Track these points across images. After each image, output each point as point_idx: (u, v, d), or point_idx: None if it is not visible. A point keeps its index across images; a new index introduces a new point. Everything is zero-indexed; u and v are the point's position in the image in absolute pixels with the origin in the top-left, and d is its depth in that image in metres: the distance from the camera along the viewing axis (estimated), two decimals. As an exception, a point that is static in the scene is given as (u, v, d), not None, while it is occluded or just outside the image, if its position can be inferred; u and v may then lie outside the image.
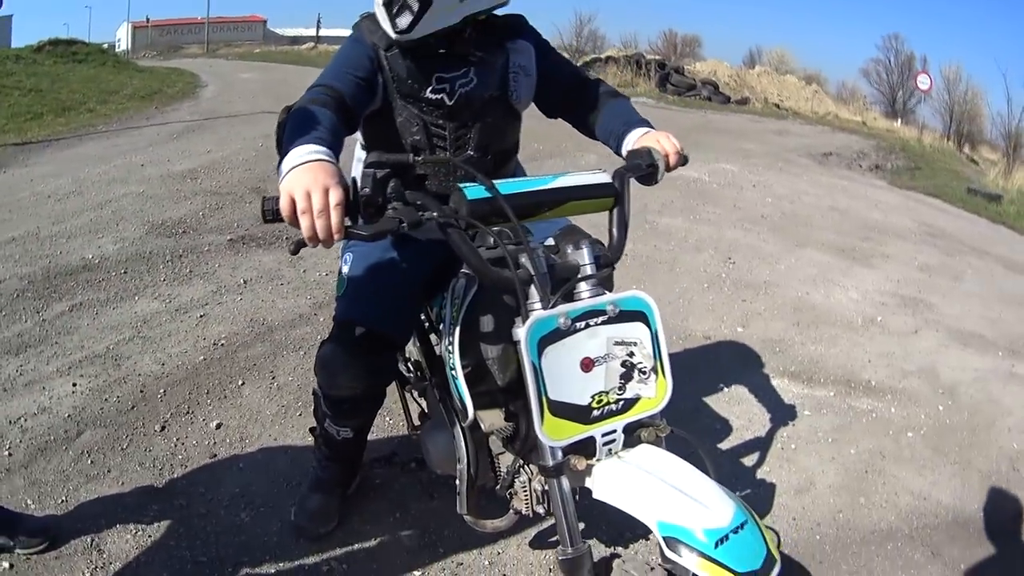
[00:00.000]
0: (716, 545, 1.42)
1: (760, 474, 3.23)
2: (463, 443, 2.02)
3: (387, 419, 3.11)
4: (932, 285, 6.18)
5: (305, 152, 1.53)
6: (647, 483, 1.53)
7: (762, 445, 3.43)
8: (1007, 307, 5.91)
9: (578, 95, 2.25)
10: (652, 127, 2.12)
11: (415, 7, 1.89)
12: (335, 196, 1.43)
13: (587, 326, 1.59)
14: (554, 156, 8.67)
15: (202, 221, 5.88)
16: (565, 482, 1.63)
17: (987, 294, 6.20)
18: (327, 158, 1.53)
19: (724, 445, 3.41)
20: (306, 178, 1.45)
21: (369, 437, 2.62)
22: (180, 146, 9.15)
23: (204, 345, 3.81)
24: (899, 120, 28.53)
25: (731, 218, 7.29)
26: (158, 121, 11.47)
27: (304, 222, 1.43)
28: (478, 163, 2.10)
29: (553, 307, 1.59)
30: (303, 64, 26.15)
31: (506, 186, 1.70)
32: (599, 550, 2.53)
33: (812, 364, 4.32)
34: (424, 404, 2.59)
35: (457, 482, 2.04)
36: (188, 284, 4.60)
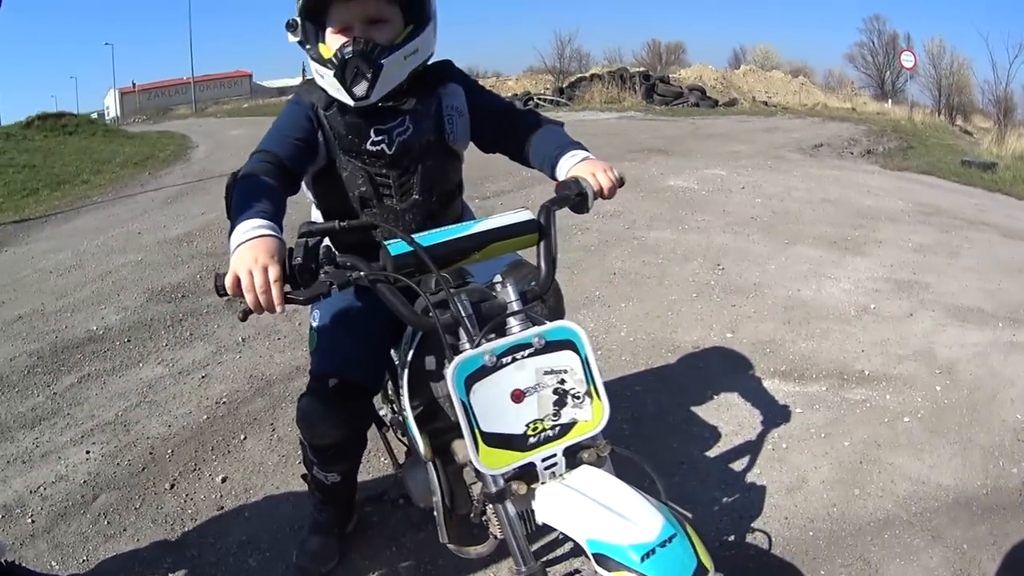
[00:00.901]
0: (643, 559, 1.50)
1: (750, 477, 3.23)
2: (435, 477, 2.13)
3: (382, 459, 3.25)
4: (927, 265, 6.12)
5: (248, 228, 1.69)
6: (580, 503, 1.63)
7: (752, 448, 3.43)
8: (1006, 276, 5.86)
9: (511, 127, 2.34)
10: (586, 151, 2.21)
11: (368, 74, 2.02)
12: (273, 272, 1.60)
13: (514, 360, 1.68)
14: (524, 188, 8.75)
15: (200, 284, 6.06)
16: (511, 506, 1.73)
17: (985, 266, 6.14)
18: (268, 231, 1.69)
19: (714, 453, 3.40)
20: (248, 256, 1.62)
21: (363, 477, 2.77)
22: (175, 210, 9.36)
23: (207, 404, 3.98)
24: (888, 101, 28.39)
25: (720, 224, 7.26)
26: (152, 187, 11.68)
27: (248, 298, 1.60)
28: (423, 206, 2.25)
29: (478, 346, 1.70)
30: (291, 116, 26.25)
31: (428, 237, 1.80)
32: (561, 567, 2.61)
33: (804, 361, 4.32)
34: (407, 442, 2.73)
35: (435, 514, 2.15)
36: (189, 347, 4.77)
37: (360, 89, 2.04)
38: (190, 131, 22.51)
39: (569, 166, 2.15)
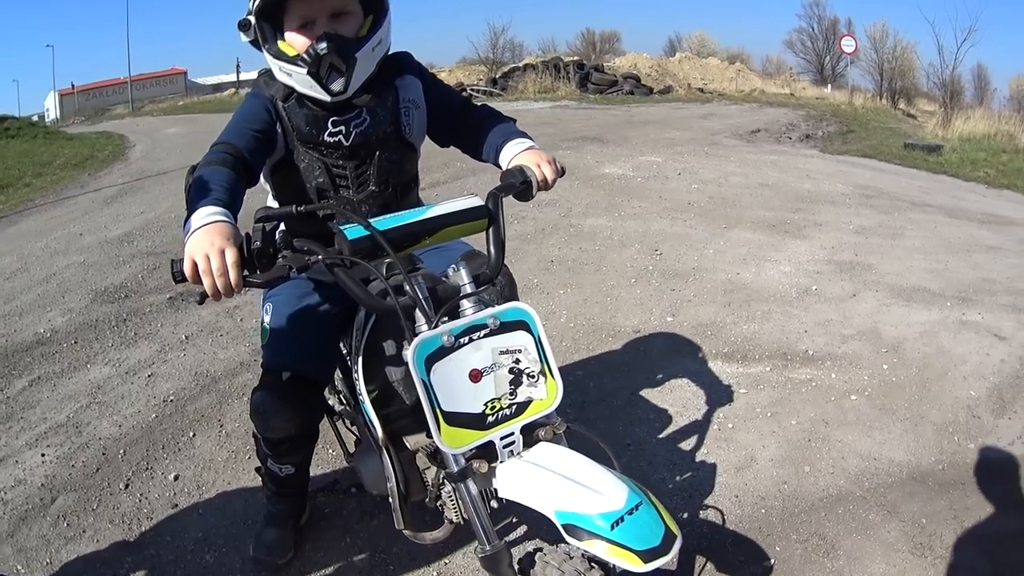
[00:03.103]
0: (612, 527, 1.51)
1: (699, 456, 3.18)
2: (389, 463, 2.10)
3: (329, 450, 3.21)
4: (870, 246, 6.04)
5: (204, 215, 1.63)
6: (543, 477, 1.63)
7: (699, 428, 3.37)
8: (953, 256, 5.79)
9: (465, 121, 2.32)
10: (531, 140, 2.20)
11: (343, 68, 1.98)
12: (231, 256, 1.55)
13: (471, 340, 1.68)
14: (477, 173, 8.57)
15: (142, 283, 5.88)
16: (472, 485, 1.73)
17: (930, 246, 6.06)
18: (223, 218, 1.64)
19: (660, 434, 3.35)
20: (204, 240, 1.56)
21: (313, 469, 2.72)
22: (114, 211, 9.08)
23: (155, 403, 3.86)
24: (828, 87, 28.50)
25: (656, 209, 7.13)
26: (92, 188, 11.31)
27: (206, 281, 1.55)
28: (380, 197, 2.22)
29: (436, 327, 1.69)
30: (227, 111, 25.63)
31: (383, 222, 1.78)
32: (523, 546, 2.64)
33: (746, 342, 4.25)
34: (356, 431, 2.69)
35: (391, 501, 2.12)
36: (135, 346, 4.63)
37: (337, 85, 2.01)
38: (127, 131, 21.85)
39: (513, 154, 2.14)
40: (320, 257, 1.66)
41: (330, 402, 2.77)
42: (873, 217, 7.07)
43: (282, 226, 1.98)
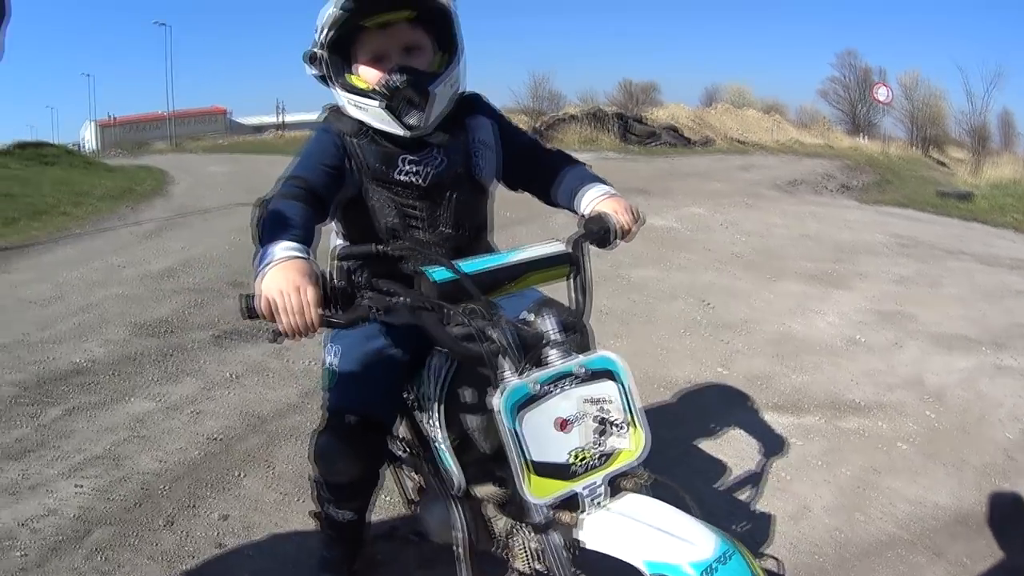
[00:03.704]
0: None
1: (755, 507, 3.32)
2: (457, 512, 2.12)
3: (385, 497, 3.25)
4: (910, 296, 6.38)
5: (279, 250, 1.68)
6: (631, 527, 1.65)
7: (755, 479, 3.52)
8: (988, 302, 6.11)
9: (538, 165, 2.38)
10: (609, 186, 2.26)
11: (419, 102, 2.05)
12: (310, 294, 1.59)
13: (559, 389, 1.71)
14: (524, 223, 8.72)
15: (185, 319, 6.07)
16: (556, 536, 1.75)
17: (967, 294, 6.42)
18: (301, 255, 1.68)
19: (717, 484, 3.49)
20: (280, 277, 1.60)
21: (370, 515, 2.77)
22: (156, 245, 9.40)
23: (200, 441, 3.95)
24: (863, 136, 29.17)
25: (703, 261, 7.47)
26: (132, 221, 11.70)
27: (283, 319, 1.59)
28: (453, 239, 2.26)
29: (524, 375, 1.71)
30: (270, 153, 26.44)
31: (468, 265, 1.83)
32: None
33: (797, 393, 4.42)
34: (419, 479, 2.72)
35: (456, 550, 2.13)
36: (178, 382, 4.76)
37: (413, 119, 2.07)
38: (168, 166, 22.49)
39: (592, 200, 2.21)
40: (405, 299, 1.70)
41: (391, 448, 2.81)
42: (911, 266, 7.51)
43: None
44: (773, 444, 3.82)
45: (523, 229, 8.31)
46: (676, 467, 3.57)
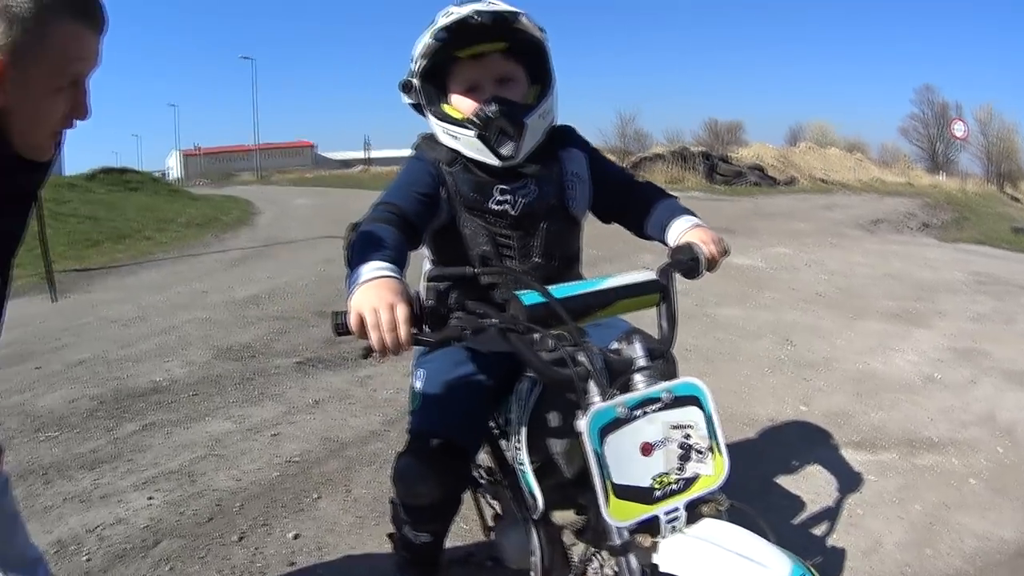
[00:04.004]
0: None
1: (829, 542, 3.39)
2: (536, 537, 2.16)
3: (462, 524, 3.30)
4: (986, 333, 6.60)
5: (372, 269, 1.74)
6: (709, 552, 1.67)
7: (830, 515, 3.60)
8: None
9: (630, 197, 2.44)
10: (697, 218, 2.31)
11: (513, 132, 2.13)
12: (401, 311, 1.63)
13: (644, 413, 1.73)
14: (612, 260, 8.82)
15: (268, 345, 6.28)
16: (633, 560, 1.75)
17: None
18: (393, 274, 1.74)
19: (794, 519, 3.57)
20: (373, 295, 1.66)
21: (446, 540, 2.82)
22: (241, 273, 9.76)
23: (278, 462, 4.06)
24: (941, 173, 29.55)
25: (788, 300, 7.75)
26: (216, 249, 12.12)
27: (373, 336, 1.63)
28: (543, 269, 2.31)
29: (611, 399, 1.74)
30: (356, 187, 27.05)
31: (558, 291, 1.86)
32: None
33: (875, 431, 4.53)
34: (497, 506, 2.76)
35: (532, 575, 2.18)
36: (259, 405, 4.91)
37: (507, 149, 2.14)
38: (254, 197, 23.24)
39: (680, 231, 2.26)
40: (496, 321, 1.75)
41: (472, 474, 2.86)
42: (988, 303, 7.70)
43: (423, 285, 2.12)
44: (849, 480, 3.93)
45: (609, 267, 8.40)
46: (755, 501, 3.53)
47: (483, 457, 2.71)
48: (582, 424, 1.66)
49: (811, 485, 3.87)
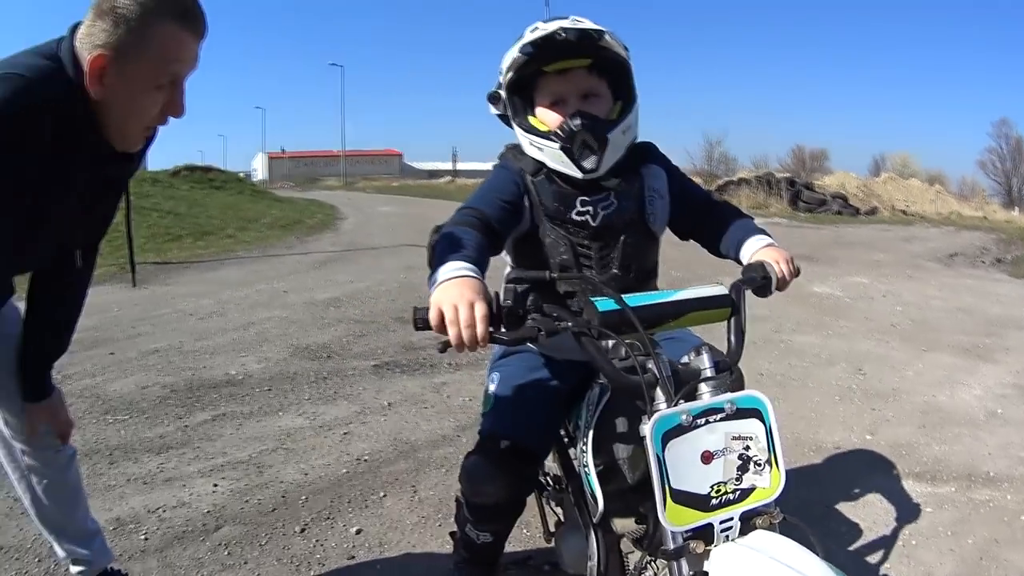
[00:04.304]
0: None
1: (882, 570, 3.46)
2: (595, 543, 2.26)
3: (524, 531, 3.40)
4: None
5: (453, 268, 1.86)
6: (760, 563, 1.72)
7: (885, 544, 3.67)
8: None
9: (707, 215, 2.54)
10: (771, 238, 2.39)
11: (595, 146, 2.25)
12: (480, 309, 1.74)
13: (707, 422, 1.81)
14: (689, 283, 8.99)
15: (346, 347, 6.50)
16: (685, 565, 1.82)
17: None
18: (473, 274, 1.86)
19: (850, 546, 3.64)
20: (454, 292, 1.78)
21: (506, 544, 2.91)
22: (322, 275, 10.07)
23: (347, 460, 4.21)
24: (1016, 209, 29.73)
25: (862, 330, 7.83)
26: (299, 251, 12.49)
27: (452, 331, 1.74)
28: (620, 281, 2.41)
29: (676, 406, 1.82)
30: (441, 198, 27.39)
31: (632, 299, 1.96)
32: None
33: (936, 463, 4.57)
34: (560, 513, 2.86)
35: None
36: (332, 404, 5.09)
37: (589, 162, 2.26)
38: (338, 203, 23.71)
39: (753, 250, 2.34)
40: (570, 324, 1.85)
41: (539, 478, 2.95)
42: None
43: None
44: (906, 511, 4.01)
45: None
46: (815, 525, 3.64)
47: (551, 465, 2.82)
48: (646, 428, 1.75)
49: (869, 513, 3.95)
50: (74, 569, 2.77)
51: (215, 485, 3.87)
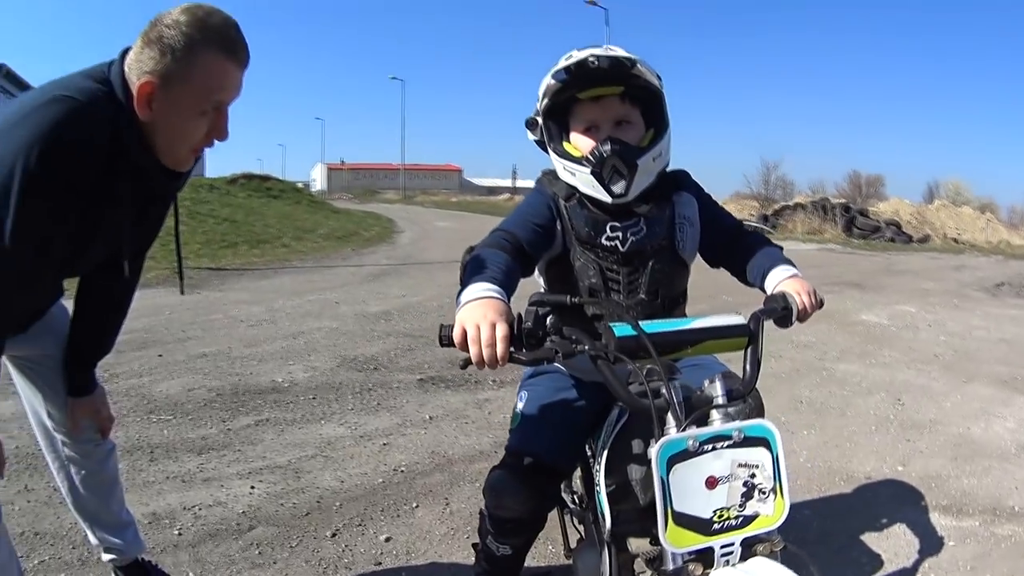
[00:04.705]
0: None
1: None
2: (607, 560, 2.32)
3: (550, 547, 3.48)
4: None
5: (479, 289, 1.95)
6: None
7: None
8: None
9: (736, 244, 2.59)
10: (796, 268, 2.43)
11: (625, 172, 2.33)
12: (501, 330, 1.84)
13: (714, 448, 1.86)
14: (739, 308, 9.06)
15: (394, 360, 6.62)
16: None
17: None
18: (497, 295, 1.95)
19: None
20: (477, 312, 1.87)
21: (528, 559, 2.97)
22: (376, 288, 10.26)
23: (384, 470, 4.31)
24: None
25: (905, 359, 7.81)
26: (354, 262, 12.69)
27: (473, 349, 1.83)
28: (648, 306, 2.50)
29: (684, 431, 1.88)
30: (499, 215, 27.41)
31: (651, 326, 2.02)
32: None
33: (963, 496, 4.55)
34: (582, 530, 2.94)
35: None
36: (375, 415, 5.21)
37: (619, 187, 2.34)
38: (396, 216, 23.97)
39: (777, 280, 2.39)
40: (586, 347, 1.93)
41: (564, 497, 3.02)
42: None
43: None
44: (929, 544, 4.00)
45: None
46: (836, 556, 3.76)
47: (577, 483, 2.89)
48: (652, 451, 1.81)
49: (892, 544, 3.95)
50: (106, 557, 2.91)
51: (252, 487, 3.99)
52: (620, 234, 2.41)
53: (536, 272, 2.51)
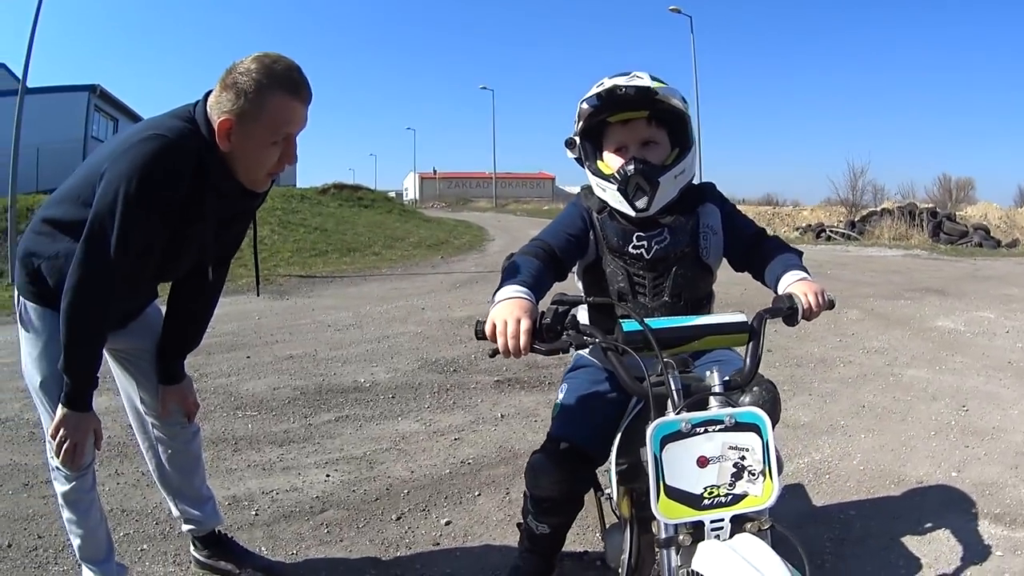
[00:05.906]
0: None
1: None
2: (629, 537, 2.60)
3: (596, 535, 3.71)
4: None
5: (510, 290, 2.27)
6: (736, 564, 1.95)
7: None
8: None
9: (756, 250, 2.82)
10: (807, 272, 2.64)
11: (648, 189, 2.60)
12: (524, 325, 2.16)
13: (706, 431, 2.07)
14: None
15: (473, 363, 6.96)
16: (674, 555, 2.09)
17: None
18: (525, 296, 2.26)
19: None
20: (506, 309, 2.18)
21: (570, 541, 3.22)
22: (462, 294, 10.64)
23: (453, 462, 4.63)
24: None
25: (976, 366, 7.59)
26: (443, 270, 13.11)
27: (500, 340, 2.16)
28: (671, 308, 2.76)
29: (678, 414, 2.11)
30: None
31: (657, 322, 2.28)
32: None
33: (1019, 506, 4.43)
34: (617, 514, 3.11)
35: (620, 571, 2.63)
36: (450, 413, 5.56)
37: (641, 203, 2.61)
38: (487, 224, 24.26)
39: (788, 283, 2.61)
40: (597, 340, 2.23)
41: (601, 481, 3.29)
42: None
43: (584, 312, 2.71)
44: (974, 553, 3.91)
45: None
46: (874, 557, 3.81)
47: (613, 466, 3.17)
48: (648, 430, 2.05)
49: (933, 550, 3.91)
50: (185, 527, 3.29)
51: (328, 476, 4.36)
52: (645, 243, 2.67)
53: (575, 277, 2.84)
